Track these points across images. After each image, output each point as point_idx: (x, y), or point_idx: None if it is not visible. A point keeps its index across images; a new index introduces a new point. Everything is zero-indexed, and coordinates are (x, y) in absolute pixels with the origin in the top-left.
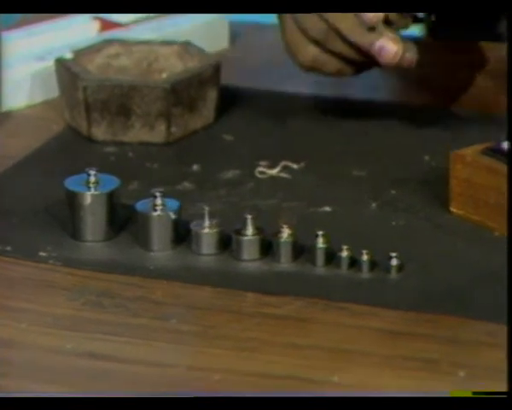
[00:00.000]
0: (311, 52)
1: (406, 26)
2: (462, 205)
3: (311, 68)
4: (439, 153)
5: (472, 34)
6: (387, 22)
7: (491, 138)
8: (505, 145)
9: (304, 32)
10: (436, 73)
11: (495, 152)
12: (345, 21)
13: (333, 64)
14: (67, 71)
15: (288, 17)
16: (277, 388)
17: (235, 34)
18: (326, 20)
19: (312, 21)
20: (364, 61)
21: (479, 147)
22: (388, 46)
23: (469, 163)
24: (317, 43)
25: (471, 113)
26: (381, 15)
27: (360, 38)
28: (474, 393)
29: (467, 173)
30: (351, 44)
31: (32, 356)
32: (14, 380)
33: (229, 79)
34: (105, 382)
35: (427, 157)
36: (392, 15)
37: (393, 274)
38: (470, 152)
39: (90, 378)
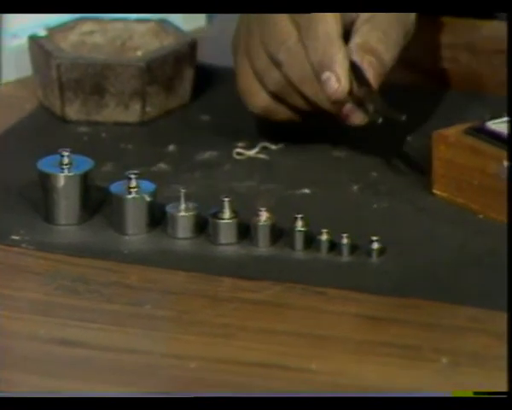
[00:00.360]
0: (263, 101)
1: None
2: (445, 187)
3: (262, 114)
4: (422, 133)
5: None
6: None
7: (474, 118)
8: (490, 126)
9: (259, 79)
10: (419, 52)
11: (478, 132)
12: (300, 72)
13: (284, 113)
14: (40, 49)
15: (244, 61)
16: (254, 375)
17: None
18: (282, 72)
19: (268, 70)
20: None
21: (462, 127)
22: (354, 115)
23: (452, 144)
24: (270, 92)
25: (454, 92)
26: (345, 90)
27: (316, 96)
28: (475, 393)
29: (450, 154)
30: (305, 98)
31: (3, 342)
32: None
33: (205, 57)
34: (78, 369)
35: (409, 138)
36: (359, 92)
37: (374, 258)
38: (453, 132)
39: (63, 365)
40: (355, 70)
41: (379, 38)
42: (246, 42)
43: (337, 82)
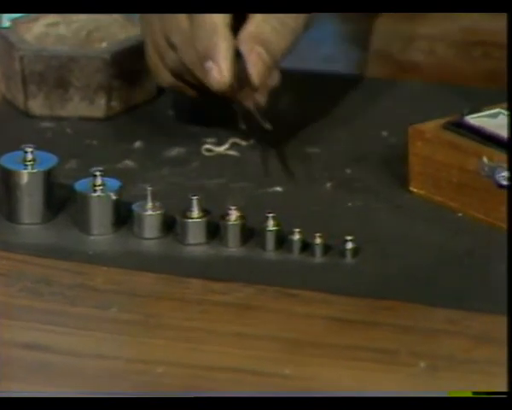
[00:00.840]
0: (167, 78)
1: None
2: (422, 184)
3: (171, 89)
4: (398, 128)
5: None
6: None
7: (452, 112)
8: (469, 120)
9: (160, 59)
10: (393, 43)
11: (457, 127)
12: (190, 57)
13: (187, 89)
14: (4, 40)
15: (149, 41)
16: (224, 381)
17: None
18: (177, 54)
19: (167, 51)
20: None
21: (439, 121)
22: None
23: (429, 139)
24: (171, 71)
25: (431, 85)
26: (227, 83)
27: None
28: (474, 393)
29: (427, 150)
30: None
31: None
32: None
33: None
34: (41, 374)
35: (385, 133)
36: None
37: (349, 259)
38: (430, 127)
39: (26, 370)
40: (242, 61)
41: (273, 27)
42: (151, 22)
43: (219, 73)
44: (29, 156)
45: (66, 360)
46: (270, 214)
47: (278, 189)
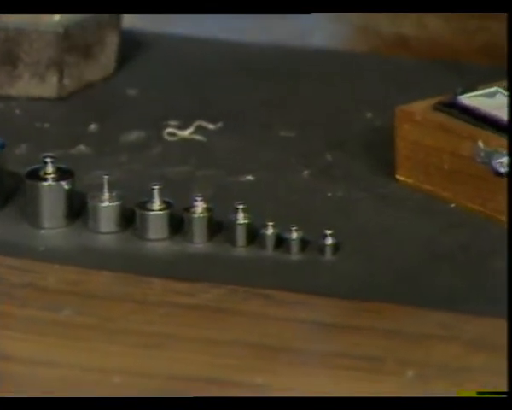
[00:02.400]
0: None
1: None
2: (410, 172)
3: None
4: (384, 109)
5: None
6: None
7: (444, 91)
8: (463, 100)
9: None
10: (380, 17)
11: (449, 107)
12: None
13: None
14: None
15: None
16: (188, 391)
17: None
18: None
19: None
20: None
21: (429, 102)
22: None
23: (419, 122)
24: None
25: (421, 61)
26: None
27: None
28: (478, 393)
29: (416, 134)
30: None
31: None
32: None
33: (132, 22)
34: None
35: (369, 114)
36: None
37: (328, 255)
38: (419, 108)
39: None
40: None
41: None
42: None
43: None
44: None
45: (14, 367)
46: (241, 206)
47: (249, 177)
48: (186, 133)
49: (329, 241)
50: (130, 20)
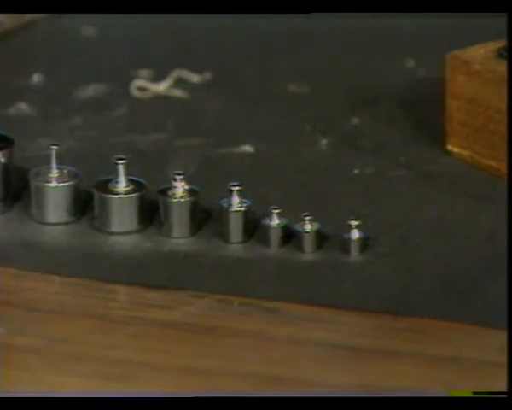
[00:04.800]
0: None
1: None
2: (466, 142)
3: None
4: (430, 56)
5: None
6: None
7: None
8: None
9: None
10: None
11: None
12: None
13: None
14: None
15: None
16: None
17: None
18: None
19: None
20: None
21: (492, 46)
22: None
23: (478, 72)
24: None
25: None
26: None
27: None
28: (475, 393)
29: (474, 90)
30: None
31: None
32: None
33: None
34: None
35: (410, 62)
36: None
37: (354, 255)
38: (478, 55)
39: None
40: None
41: None
42: None
43: None
44: None
45: None
46: (236, 187)
47: (247, 148)
48: (161, 87)
49: (355, 235)
50: None
